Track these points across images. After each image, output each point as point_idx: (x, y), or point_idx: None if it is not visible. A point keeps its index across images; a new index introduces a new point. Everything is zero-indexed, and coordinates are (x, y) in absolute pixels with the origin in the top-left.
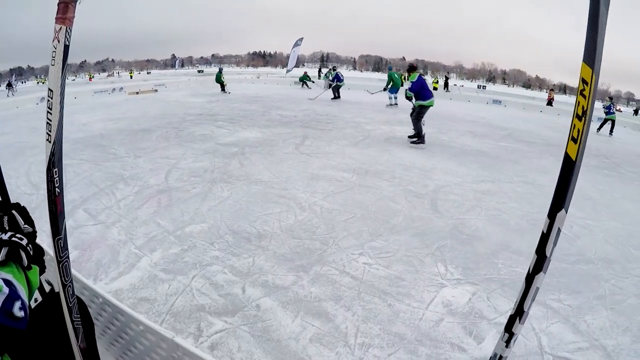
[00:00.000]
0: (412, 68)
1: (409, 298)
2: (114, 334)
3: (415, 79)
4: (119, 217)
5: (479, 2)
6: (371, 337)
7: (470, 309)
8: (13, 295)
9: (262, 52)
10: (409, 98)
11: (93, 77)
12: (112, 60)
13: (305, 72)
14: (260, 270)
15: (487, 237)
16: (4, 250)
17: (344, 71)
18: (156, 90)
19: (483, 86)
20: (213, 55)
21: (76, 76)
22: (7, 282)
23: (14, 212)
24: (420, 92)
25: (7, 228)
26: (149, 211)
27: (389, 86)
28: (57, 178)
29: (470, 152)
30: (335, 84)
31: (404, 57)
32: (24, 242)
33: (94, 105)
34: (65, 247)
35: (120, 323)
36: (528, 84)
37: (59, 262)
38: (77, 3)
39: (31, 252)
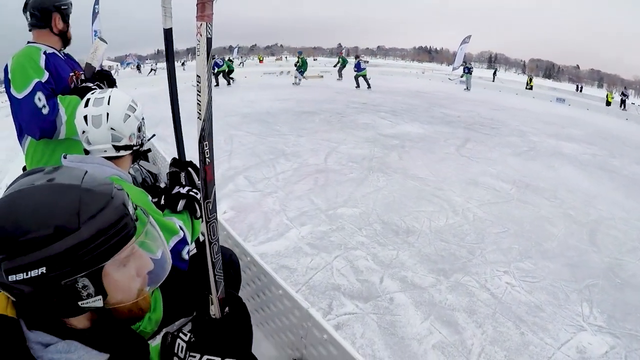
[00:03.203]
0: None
1: (543, 332)
2: (252, 291)
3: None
4: (276, 189)
5: None
6: None
7: None
8: (185, 239)
9: (428, 47)
10: None
11: (263, 59)
12: (281, 45)
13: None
14: (402, 265)
15: None
16: (182, 202)
17: (511, 75)
18: (322, 77)
19: None
20: (378, 47)
21: (245, 58)
22: (181, 228)
23: (189, 169)
24: None
25: (184, 183)
26: (305, 188)
27: (301, 67)
28: (207, 150)
29: None
30: (356, 74)
31: (578, 66)
32: (198, 196)
33: (263, 85)
34: (213, 210)
35: (262, 283)
36: None
37: (207, 222)
38: (214, 2)
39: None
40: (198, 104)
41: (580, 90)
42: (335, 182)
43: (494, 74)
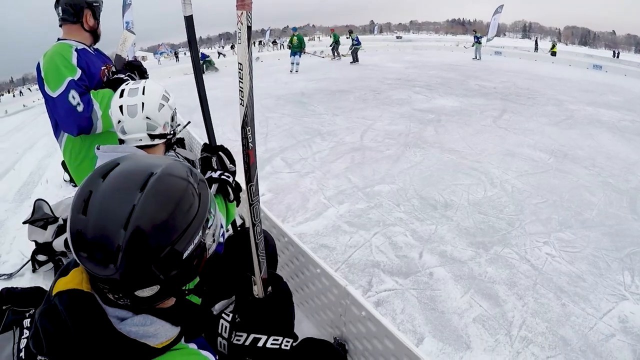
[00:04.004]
0: None
1: (585, 302)
2: (291, 271)
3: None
4: (312, 169)
5: None
6: (535, 333)
7: None
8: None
9: (462, 19)
10: None
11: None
12: (313, 25)
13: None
14: (441, 239)
15: None
16: (215, 187)
17: (547, 44)
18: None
19: None
20: (411, 22)
21: (277, 40)
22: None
23: (220, 153)
24: None
25: (215, 167)
26: (342, 166)
27: (297, 48)
28: (250, 135)
29: None
30: (354, 47)
31: (614, 31)
32: (230, 179)
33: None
34: (256, 193)
35: (300, 263)
36: None
37: (250, 205)
38: None
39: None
40: (240, 90)
41: (617, 56)
42: (372, 160)
43: (536, 43)
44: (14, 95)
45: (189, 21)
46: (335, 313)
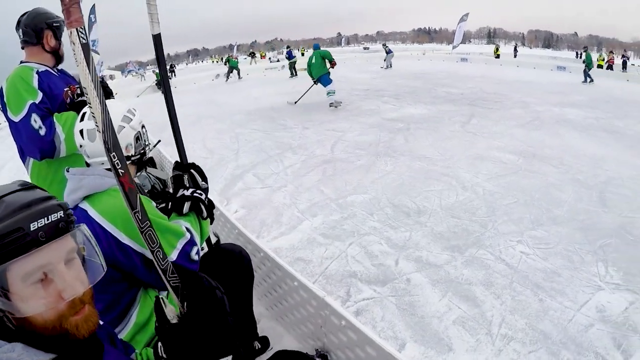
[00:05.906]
0: None
1: (562, 296)
2: (269, 286)
3: None
4: (285, 183)
5: None
6: (515, 330)
7: (625, 319)
8: (192, 240)
9: (427, 28)
10: None
11: (265, 54)
12: (281, 39)
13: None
14: (416, 245)
15: None
16: (187, 205)
17: (511, 49)
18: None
19: None
20: (378, 32)
21: (247, 56)
22: (188, 230)
23: (192, 170)
24: None
25: (187, 185)
26: (314, 179)
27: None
28: (117, 161)
29: None
30: (289, 62)
31: (575, 33)
32: (203, 196)
33: (265, 81)
34: (144, 219)
35: (277, 277)
36: None
37: (142, 232)
38: (80, 3)
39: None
40: (92, 115)
41: (580, 57)
42: (344, 171)
43: (515, 49)
44: None
45: (157, 39)
46: (316, 325)
